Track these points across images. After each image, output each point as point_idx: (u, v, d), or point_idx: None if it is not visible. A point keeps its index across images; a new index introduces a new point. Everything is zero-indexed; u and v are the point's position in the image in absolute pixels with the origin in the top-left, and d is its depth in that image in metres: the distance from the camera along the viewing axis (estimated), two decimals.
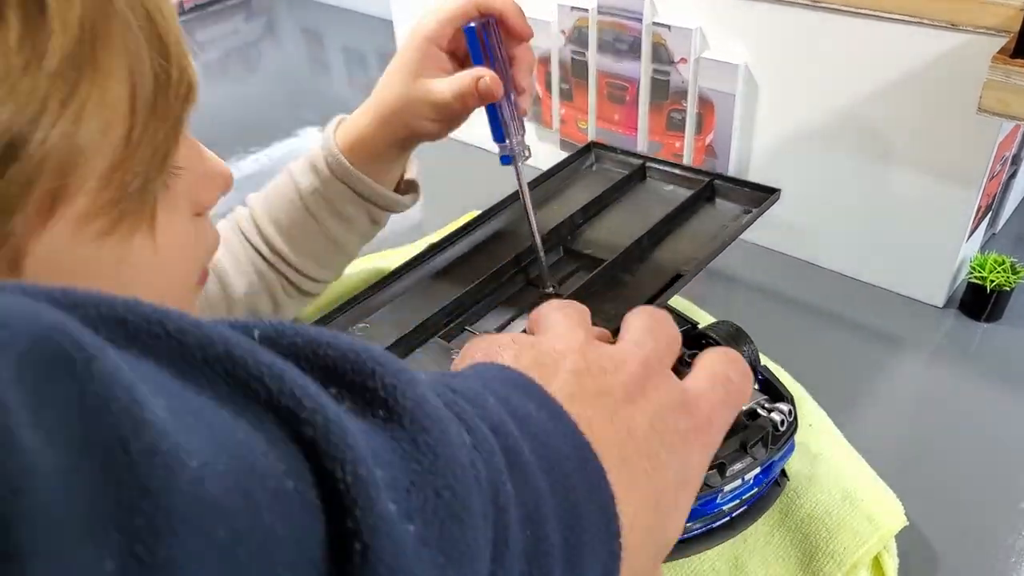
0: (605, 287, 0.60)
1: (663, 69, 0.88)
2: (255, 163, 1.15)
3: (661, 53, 0.88)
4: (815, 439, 0.61)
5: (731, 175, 0.77)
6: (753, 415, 0.55)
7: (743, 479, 0.53)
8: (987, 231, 0.86)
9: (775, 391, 0.57)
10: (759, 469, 0.53)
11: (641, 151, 0.95)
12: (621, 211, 0.71)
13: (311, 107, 1.32)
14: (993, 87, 0.62)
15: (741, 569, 0.54)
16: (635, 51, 0.89)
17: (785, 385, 0.59)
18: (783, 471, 0.58)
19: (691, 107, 0.88)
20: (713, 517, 0.54)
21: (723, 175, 0.69)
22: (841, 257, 0.86)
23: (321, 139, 0.68)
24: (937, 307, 0.81)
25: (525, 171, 0.60)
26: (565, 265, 0.66)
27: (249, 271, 0.66)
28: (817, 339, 0.78)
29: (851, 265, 0.86)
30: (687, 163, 0.91)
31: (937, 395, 0.71)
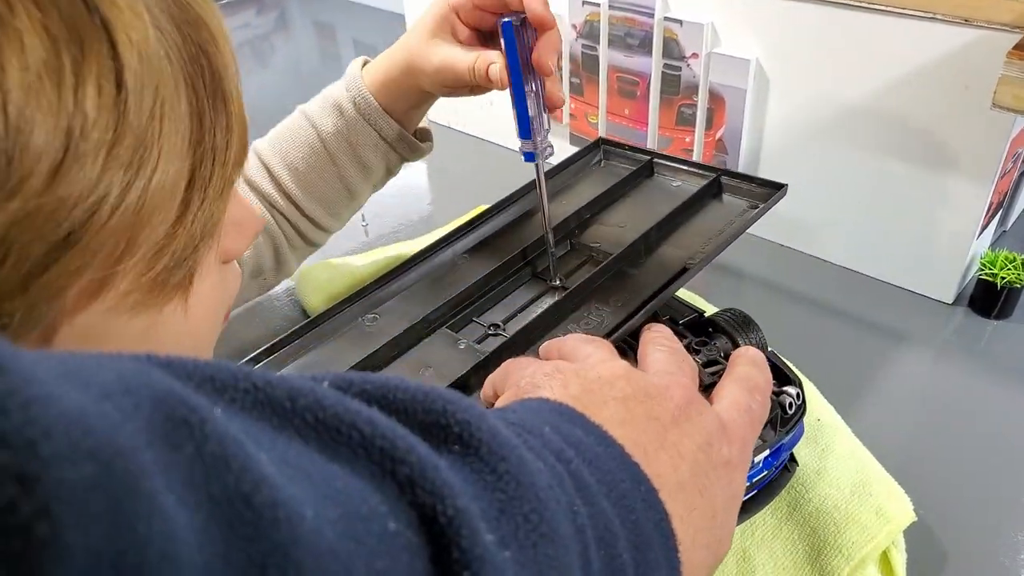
0: (611, 281, 0.61)
1: (674, 64, 0.88)
2: None
3: (672, 48, 0.87)
4: (824, 433, 0.61)
5: (740, 170, 0.77)
6: None
7: (752, 461, 0.53)
8: (997, 228, 0.86)
9: (783, 375, 0.57)
10: (768, 451, 0.53)
11: (651, 146, 0.95)
12: (629, 206, 0.71)
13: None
14: (1008, 83, 0.62)
15: (749, 561, 0.54)
16: (646, 46, 0.89)
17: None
18: (792, 456, 0.58)
19: (702, 102, 0.88)
20: None
21: (730, 171, 0.69)
22: (851, 253, 0.86)
23: (343, 81, 0.66)
24: (947, 304, 0.81)
25: (544, 166, 0.61)
26: (572, 259, 0.66)
27: None
28: (826, 335, 0.78)
29: (861, 261, 0.86)
30: (697, 158, 0.91)
31: (946, 392, 0.71)
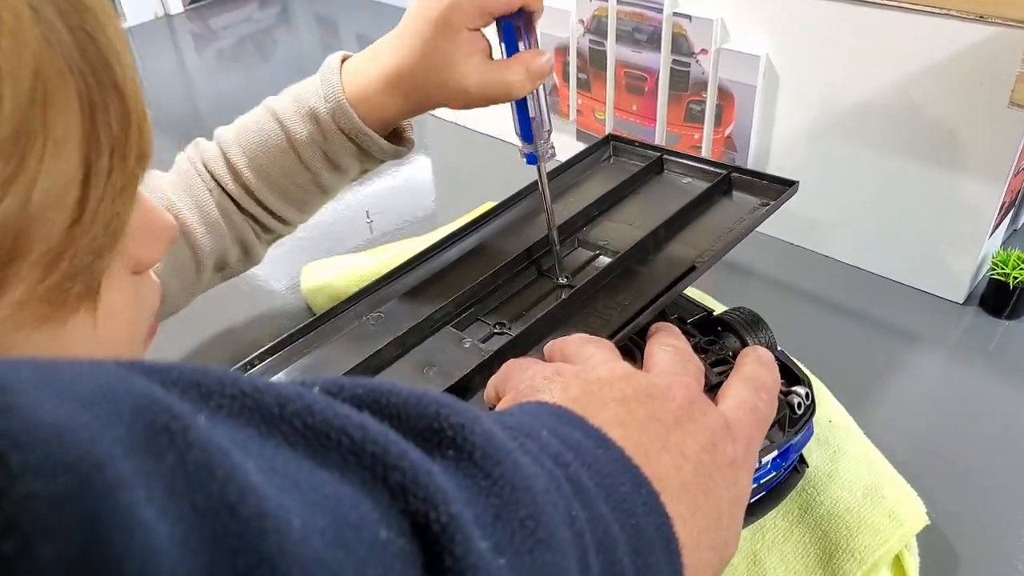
0: (619, 279, 0.60)
1: (683, 60, 0.87)
2: None
3: (681, 44, 0.86)
4: (835, 435, 0.60)
5: (749, 167, 0.76)
6: None
7: (760, 462, 0.52)
8: (1010, 227, 0.85)
9: (792, 374, 0.56)
10: (776, 452, 0.52)
11: (659, 143, 0.94)
12: (638, 203, 0.70)
13: None
14: None
15: (759, 564, 0.54)
16: (655, 41, 0.88)
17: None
18: (802, 457, 0.57)
19: (711, 98, 0.87)
20: None
21: (741, 168, 0.68)
22: (860, 251, 0.85)
23: (320, 84, 0.60)
24: (957, 303, 0.80)
25: (551, 164, 0.60)
26: (579, 257, 0.65)
27: (216, 219, 0.61)
28: (835, 334, 0.77)
29: (870, 260, 0.85)
30: (705, 155, 0.90)
31: (957, 393, 0.70)
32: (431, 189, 1.08)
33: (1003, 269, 0.75)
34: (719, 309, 0.65)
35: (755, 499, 0.55)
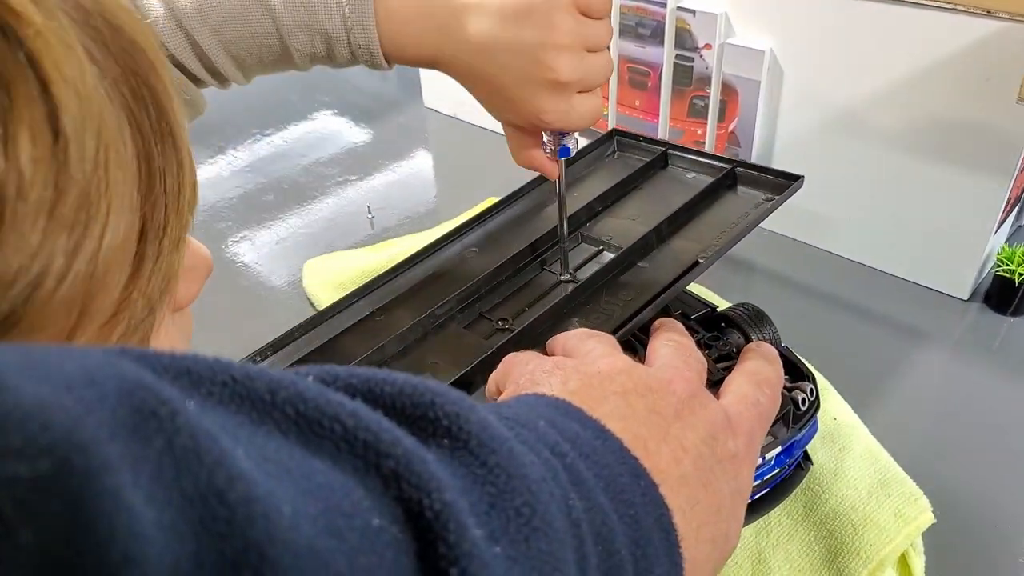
0: (622, 274, 0.60)
1: (686, 55, 0.87)
2: (270, 145, 1.14)
3: (685, 38, 0.86)
4: (841, 433, 0.60)
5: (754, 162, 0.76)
6: None
7: (764, 458, 0.52)
8: (1015, 223, 0.85)
9: (796, 370, 0.56)
10: (780, 448, 0.52)
11: (662, 138, 0.93)
12: (641, 198, 0.69)
13: (326, 89, 1.31)
14: None
15: (764, 563, 0.53)
16: (658, 36, 0.88)
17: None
18: (806, 454, 0.57)
19: (714, 94, 0.87)
20: None
21: (746, 162, 0.68)
22: (865, 248, 0.85)
23: (344, 12, 0.51)
24: (962, 300, 0.79)
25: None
26: (583, 252, 0.65)
27: None
28: (839, 331, 0.77)
29: (875, 256, 0.84)
30: (709, 151, 0.89)
31: (961, 390, 0.70)
32: (432, 184, 1.08)
33: (1008, 265, 0.75)
34: (723, 305, 0.64)
35: (759, 496, 0.54)
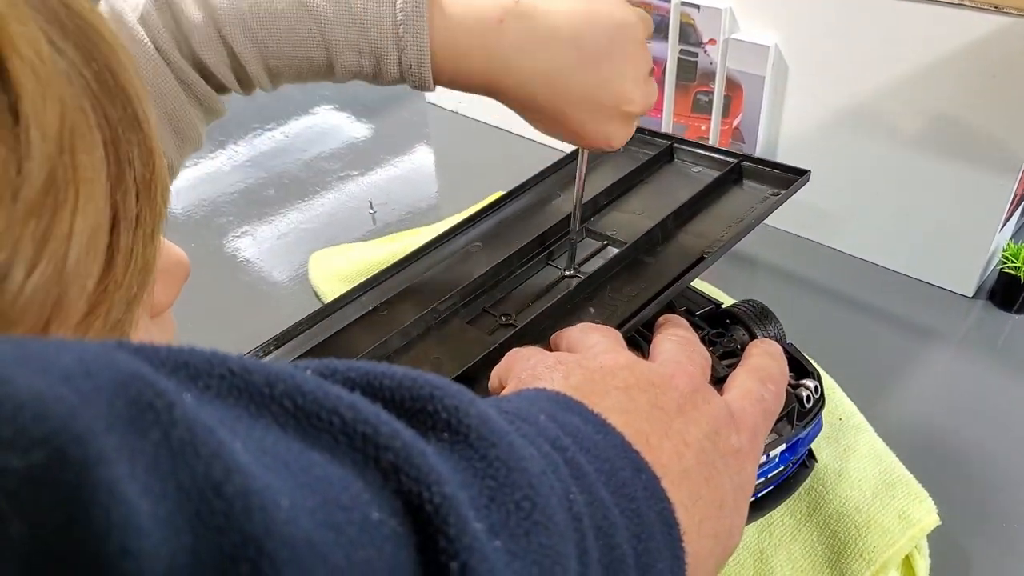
0: (626, 269, 0.59)
1: (691, 50, 0.86)
2: (271, 140, 1.13)
3: (689, 33, 0.85)
4: (845, 433, 0.60)
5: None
6: None
7: (768, 455, 0.51)
8: (1020, 220, 0.84)
9: (801, 368, 0.56)
10: (784, 446, 0.51)
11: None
12: (647, 192, 0.69)
13: (327, 84, 1.30)
14: None
15: (766, 563, 0.53)
16: (662, 31, 0.87)
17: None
18: (811, 452, 0.56)
19: (718, 89, 0.86)
20: None
21: (752, 156, 0.67)
22: (868, 244, 0.84)
23: (396, 21, 0.47)
24: (966, 297, 0.79)
25: (557, 153, 0.59)
26: (587, 247, 0.65)
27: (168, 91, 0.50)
28: (843, 328, 0.76)
29: (879, 252, 0.84)
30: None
31: (966, 389, 0.69)
32: (433, 180, 1.07)
33: (1014, 262, 0.74)
34: (727, 302, 0.64)
35: (763, 493, 0.54)
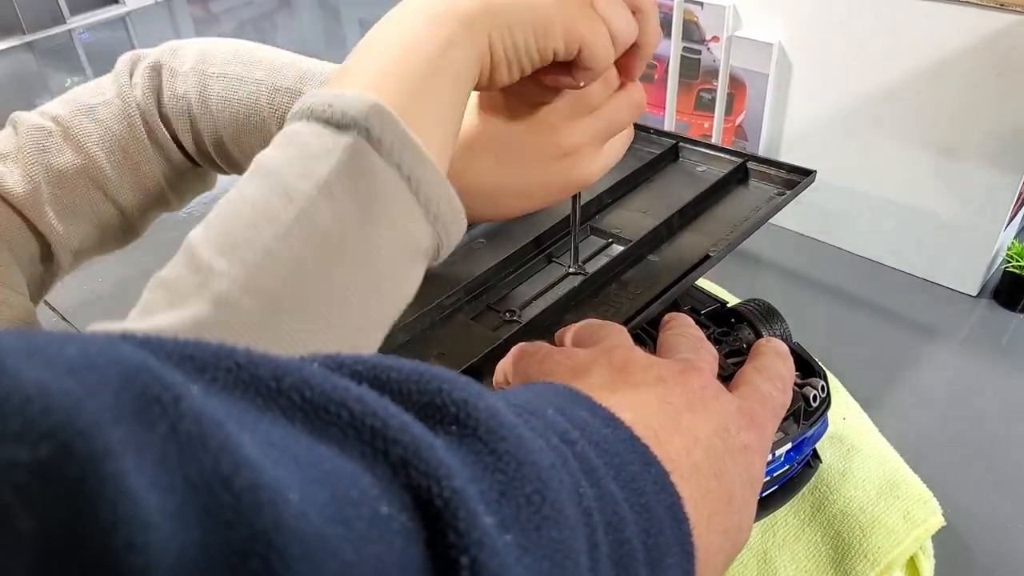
0: (631, 267, 0.59)
1: (694, 47, 0.86)
2: None
3: (692, 31, 0.85)
4: (849, 433, 0.59)
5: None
6: None
7: (774, 455, 0.51)
8: None
9: (808, 367, 0.56)
10: (790, 445, 0.51)
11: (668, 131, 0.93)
12: (652, 191, 0.69)
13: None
14: None
15: (770, 564, 0.53)
16: (665, 28, 0.87)
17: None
18: (815, 452, 0.56)
19: (722, 87, 0.86)
20: None
21: (757, 156, 0.67)
22: (873, 243, 0.84)
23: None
24: (971, 296, 0.79)
25: None
26: (592, 245, 0.64)
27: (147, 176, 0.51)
28: (848, 327, 0.76)
29: (883, 252, 0.84)
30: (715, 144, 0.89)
31: (970, 388, 0.69)
32: None
33: (1018, 262, 0.74)
34: (733, 301, 0.64)
35: (769, 492, 0.54)
